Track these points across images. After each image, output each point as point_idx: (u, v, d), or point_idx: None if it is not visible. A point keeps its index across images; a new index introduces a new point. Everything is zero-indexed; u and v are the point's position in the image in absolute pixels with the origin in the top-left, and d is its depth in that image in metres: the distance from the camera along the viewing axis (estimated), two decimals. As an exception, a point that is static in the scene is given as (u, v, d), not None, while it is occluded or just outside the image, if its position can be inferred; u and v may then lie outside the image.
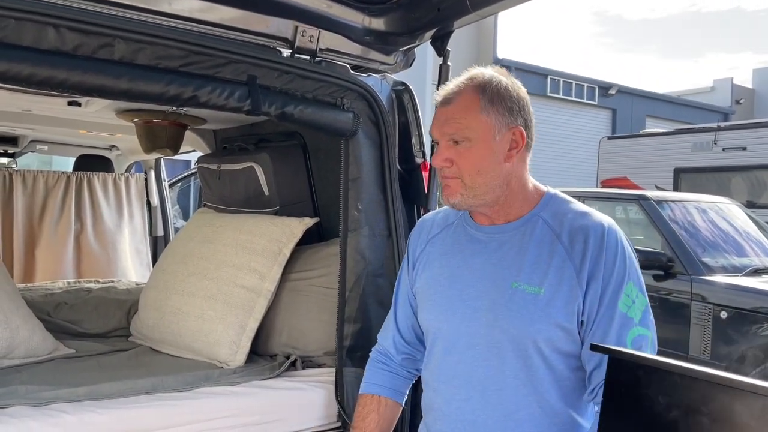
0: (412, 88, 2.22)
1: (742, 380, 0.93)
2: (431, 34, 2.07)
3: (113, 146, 4.35)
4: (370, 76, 2.14)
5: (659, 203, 5.44)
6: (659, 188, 8.86)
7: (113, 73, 1.60)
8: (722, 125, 9.97)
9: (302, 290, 2.34)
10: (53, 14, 1.50)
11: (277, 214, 2.64)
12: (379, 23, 2.06)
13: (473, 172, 1.39)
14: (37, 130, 3.68)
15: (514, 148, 1.41)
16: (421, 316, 1.58)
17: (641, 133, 11.74)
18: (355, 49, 2.08)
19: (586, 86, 20.38)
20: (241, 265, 2.28)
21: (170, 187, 5.10)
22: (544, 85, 19.08)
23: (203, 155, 3.30)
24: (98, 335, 2.67)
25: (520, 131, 1.40)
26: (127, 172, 4.56)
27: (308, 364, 2.22)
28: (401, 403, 1.69)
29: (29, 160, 6.21)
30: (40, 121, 3.15)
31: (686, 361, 1.70)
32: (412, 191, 2.17)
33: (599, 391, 1.29)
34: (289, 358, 2.22)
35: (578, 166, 18.59)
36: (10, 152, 4.33)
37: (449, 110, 1.41)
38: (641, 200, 5.57)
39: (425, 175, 2.18)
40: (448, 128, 1.41)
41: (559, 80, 19.57)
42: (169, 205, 4.67)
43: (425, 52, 2.53)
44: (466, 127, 1.38)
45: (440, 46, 2.08)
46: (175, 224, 4.90)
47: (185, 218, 7.74)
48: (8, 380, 1.92)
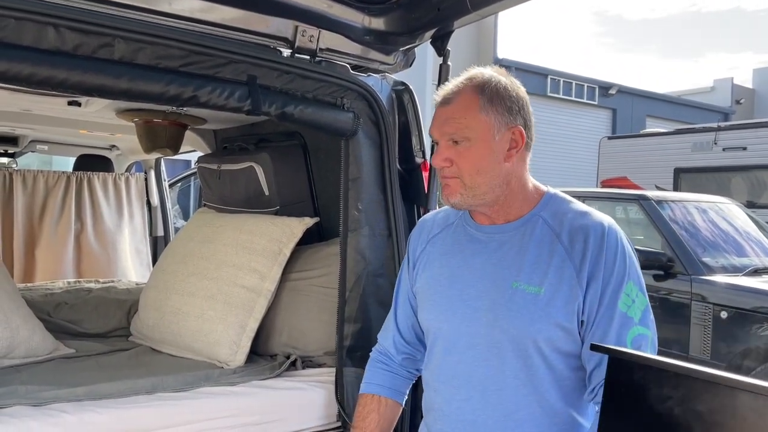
0: (412, 87, 2.22)
1: (742, 380, 0.93)
2: (431, 33, 2.07)
3: (113, 146, 4.35)
4: (370, 75, 2.14)
5: (659, 203, 5.44)
6: (659, 188, 8.85)
7: (113, 72, 1.60)
8: (722, 125, 9.96)
9: (302, 290, 2.34)
10: (53, 14, 1.50)
11: (277, 214, 2.64)
12: (379, 23, 2.06)
13: (473, 171, 1.39)
14: (37, 129, 3.68)
15: (513, 147, 1.41)
16: (421, 315, 1.58)
17: (641, 133, 11.73)
18: (355, 48, 2.08)
19: (586, 86, 20.38)
20: (241, 265, 2.28)
21: (170, 187, 5.10)
22: (544, 85, 19.08)
23: (203, 155, 3.30)
24: (98, 335, 2.67)
25: (519, 131, 1.41)
26: (127, 171, 4.56)
27: (308, 364, 2.22)
28: (401, 403, 1.69)
29: (29, 159, 6.20)
30: (40, 120, 3.15)
31: (686, 361, 1.70)
32: (412, 191, 2.17)
33: (599, 390, 1.29)
34: (289, 358, 2.22)
35: (578, 166, 18.58)
36: (10, 152, 4.33)
37: (448, 110, 1.41)
38: (641, 200, 5.57)
39: (425, 175, 2.18)
40: (447, 128, 1.41)
41: (559, 80, 19.57)
42: (169, 205, 4.67)
43: (425, 52, 2.53)
44: (465, 126, 1.38)
45: (440, 45, 2.08)
46: (175, 224, 4.90)
47: (185, 218, 7.74)
48: (8, 380, 1.92)
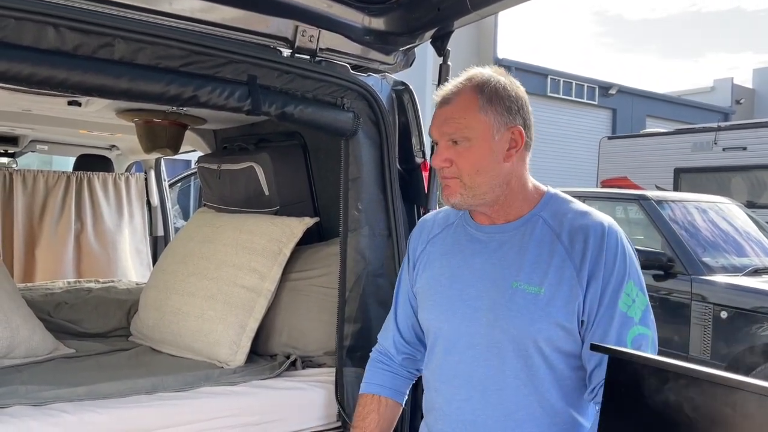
0: (412, 87, 2.22)
1: (742, 380, 0.93)
2: (431, 33, 2.07)
3: (113, 146, 4.35)
4: (370, 75, 2.14)
5: (659, 203, 5.44)
6: (659, 188, 8.85)
7: (113, 72, 1.60)
8: (722, 125, 9.96)
9: (302, 290, 2.34)
10: (53, 14, 1.50)
11: (277, 213, 2.64)
12: (379, 23, 2.06)
13: (472, 171, 1.39)
14: (37, 129, 3.67)
15: (513, 147, 1.41)
16: (421, 315, 1.58)
17: (641, 133, 11.73)
18: (355, 48, 2.08)
19: (586, 86, 20.38)
20: (241, 264, 2.28)
21: (170, 187, 5.10)
22: (544, 85, 19.08)
23: (203, 155, 3.30)
24: (98, 335, 2.67)
25: (519, 130, 1.41)
26: (127, 171, 4.56)
27: (308, 363, 2.22)
28: (401, 403, 1.69)
29: (29, 159, 6.20)
30: (40, 120, 3.15)
31: (686, 361, 1.70)
32: (412, 191, 2.17)
33: (599, 390, 1.29)
34: (289, 357, 2.22)
35: (579, 166, 18.58)
36: (10, 152, 4.33)
37: (448, 110, 1.41)
38: (641, 200, 5.57)
39: (425, 174, 2.18)
40: (447, 128, 1.41)
41: (559, 80, 19.56)
42: (169, 204, 4.67)
43: (425, 51, 2.52)
44: (465, 126, 1.38)
45: (440, 45, 2.08)
46: (175, 224, 4.90)
47: (185, 218, 7.74)
48: (8, 380, 1.92)
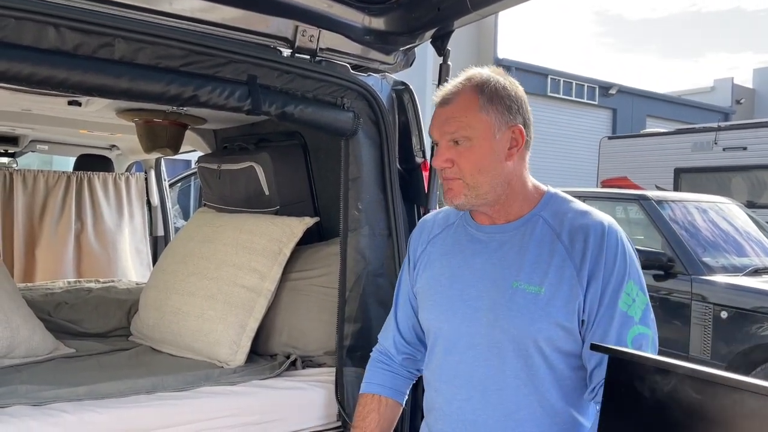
0: (412, 87, 2.22)
1: (742, 380, 0.92)
2: (431, 33, 2.07)
3: (113, 146, 4.35)
4: (370, 75, 2.14)
5: (659, 203, 5.44)
6: (659, 188, 8.85)
7: (114, 72, 1.60)
8: (722, 125, 9.96)
9: (302, 290, 2.34)
10: (53, 14, 1.50)
11: (277, 213, 2.64)
12: (379, 23, 2.06)
13: (474, 171, 1.39)
14: (37, 129, 3.67)
15: (514, 146, 1.41)
16: (422, 316, 1.58)
17: (641, 133, 11.73)
18: (355, 48, 2.07)
19: (586, 86, 20.38)
20: (241, 264, 2.28)
21: (170, 186, 5.10)
22: (544, 85, 19.07)
23: (203, 155, 3.30)
24: (98, 335, 2.67)
25: (519, 129, 1.41)
26: (127, 171, 4.56)
27: (308, 363, 2.22)
28: (402, 402, 1.69)
29: (29, 159, 6.21)
30: (40, 120, 3.15)
31: (686, 360, 1.70)
32: (412, 191, 2.17)
33: (599, 390, 1.29)
34: (289, 357, 2.21)
35: (579, 166, 18.58)
36: (10, 152, 4.34)
37: (448, 110, 1.41)
38: (641, 200, 5.57)
39: (425, 174, 2.18)
40: (448, 127, 1.41)
41: (559, 80, 19.56)
42: (169, 204, 4.67)
43: (425, 51, 2.52)
44: (466, 125, 1.38)
45: (440, 45, 2.08)
46: (175, 224, 4.90)
47: (185, 218, 7.74)
48: (8, 380, 1.92)
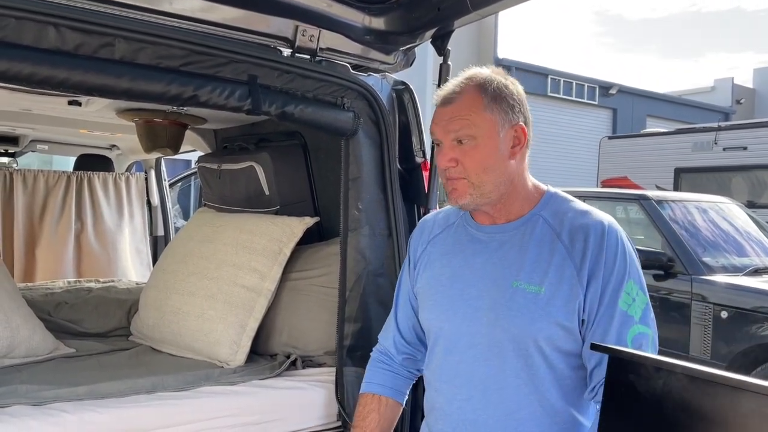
0: (412, 87, 2.22)
1: (742, 379, 0.92)
2: (431, 33, 2.07)
3: (114, 146, 4.35)
4: (370, 75, 2.14)
5: (659, 203, 5.44)
6: (659, 188, 8.85)
7: (114, 72, 1.60)
8: (723, 125, 9.95)
9: (303, 290, 2.34)
10: (54, 14, 1.49)
11: (277, 213, 2.64)
12: (379, 23, 2.06)
13: (479, 170, 1.39)
14: (37, 129, 3.67)
15: (517, 144, 1.41)
16: (422, 315, 1.58)
17: (642, 132, 11.73)
18: (355, 48, 2.08)
19: (586, 86, 20.38)
20: (241, 264, 2.28)
21: (170, 186, 5.10)
22: (544, 85, 19.07)
23: (204, 155, 3.30)
24: (98, 335, 2.67)
25: (522, 128, 1.41)
26: (127, 171, 4.56)
27: (308, 363, 2.22)
28: (402, 402, 1.69)
29: (30, 159, 6.21)
30: (40, 120, 3.15)
31: (686, 360, 1.70)
32: (412, 191, 2.17)
33: (600, 389, 1.29)
34: (289, 357, 2.21)
35: (579, 165, 18.58)
36: (10, 152, 4.33)
37: (452, 109, 1.41)
38: (641, 200, 5.57)
39: (425, 174, 2.18)
40: (452, 126, 1.40)
41: (559, 80, 19.57)
42: (169, 204, 4.67)
43: (425, 51, 2.52)
44: (471, 124, 1.38)
45: (440, 45, 2.08)
46: (175, 224, 4.90)
47: (185, 218, 7.74)
48: (8, 379, 1.92)
